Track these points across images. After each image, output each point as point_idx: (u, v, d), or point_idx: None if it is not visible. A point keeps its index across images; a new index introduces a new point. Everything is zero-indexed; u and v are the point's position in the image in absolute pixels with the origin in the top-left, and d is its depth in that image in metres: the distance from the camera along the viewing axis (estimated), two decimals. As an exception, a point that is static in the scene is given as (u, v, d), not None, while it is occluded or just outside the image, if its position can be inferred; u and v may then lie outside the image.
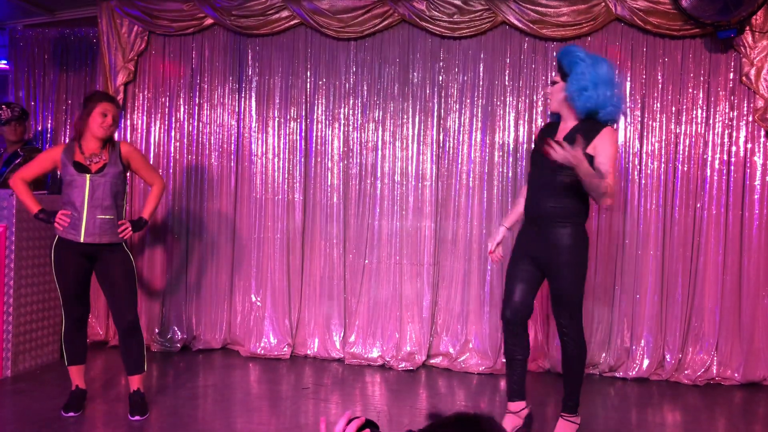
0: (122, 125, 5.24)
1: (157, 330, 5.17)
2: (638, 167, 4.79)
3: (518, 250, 3.35)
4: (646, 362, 4.73)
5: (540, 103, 4.88)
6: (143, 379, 3.73)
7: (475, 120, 4.92)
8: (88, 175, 3.40)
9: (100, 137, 3.44)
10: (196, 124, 5.20)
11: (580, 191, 3.08)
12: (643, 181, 4.79)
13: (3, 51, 5.45)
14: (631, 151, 4.81)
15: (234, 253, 5.19)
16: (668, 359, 4.71)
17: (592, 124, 3.09)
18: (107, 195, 3.44)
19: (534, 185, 3.20)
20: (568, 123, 3.15)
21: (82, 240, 3.41)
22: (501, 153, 4.90)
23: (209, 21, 5.06)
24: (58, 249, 3.47)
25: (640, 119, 4.80)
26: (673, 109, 4.73)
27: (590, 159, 2.99)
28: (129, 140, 5.23)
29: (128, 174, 3.67)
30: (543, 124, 3.82)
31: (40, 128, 5.43)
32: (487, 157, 4.91)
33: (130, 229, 3.56)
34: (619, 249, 4.80)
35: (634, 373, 4.73)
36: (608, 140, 3.03)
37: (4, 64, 5.46)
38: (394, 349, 4.93)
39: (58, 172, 3.67)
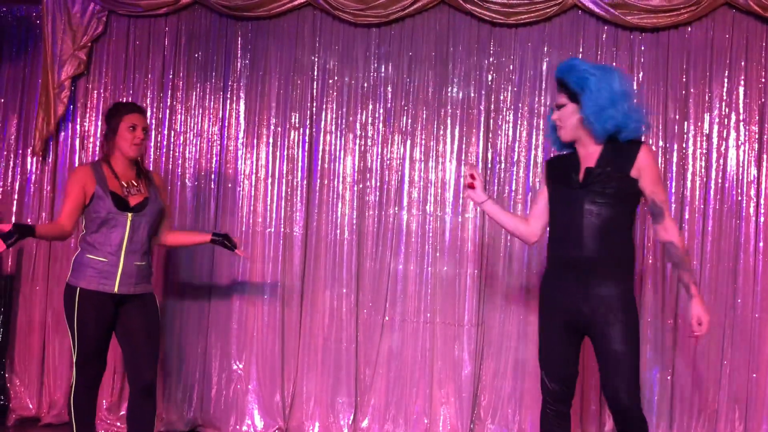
0: (68, 131, 4.44)
1: (105, 403, 4.24)
2: (755, 200, 4.02)
3: (554, 308, 2.95)
4: (766, 464, 3.92)
5: None
6: None
7: (534, 133, 4.17)
8: (130, 215, 3.26)
9: (132, 156, 3.32)
10: (166, 132, 4.40)
11: (631, 232, 2.93)
12: (762, 219, 4.01)
13: None
14: (745, 178, 4.03)
15: (210, 304, 4.34)
16: (795, 461, 3.92)
17: (621, 144, 2.88)
18: (146, 238, 3.33)
19: (568, 225, 2.90)
20: (589, 149, 2.92)
21: (116, 291, 3.24)
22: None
23: (188, -2, 4.32)
24: (83, 300, 3.22)
25: (757, 136, 4.03)
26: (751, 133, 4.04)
27: (632, 183, 2.84)
28: (77, 150, 4.44)
29: None
30: (549, 157, 3.43)
31: (-37, 134, 4.60)
32: None
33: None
34: (728, 311, 4.01)
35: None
36: (653, 161, 2.90)
37: None
38: None
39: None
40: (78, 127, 4.43)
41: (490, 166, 4.19)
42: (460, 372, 4.13)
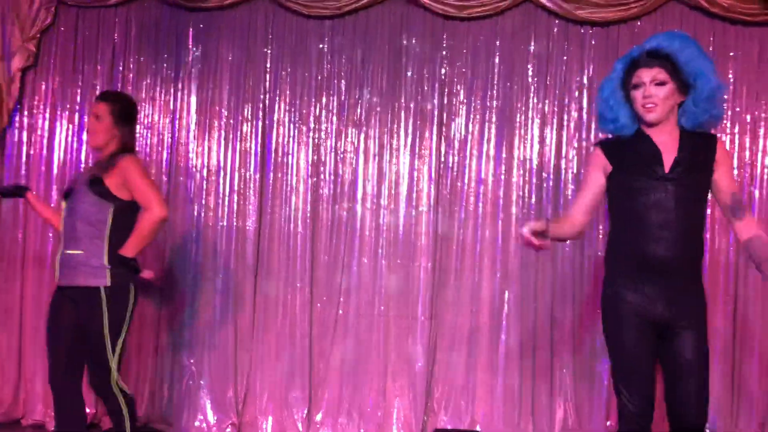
0: (17, 124, 4.51)
1: (54, 401, 4.29)
2: (703, 194, 4.11)
3: (631, 313, 2.71)
4: (713, 453, 4.13)
5: (574, 106, 4.27)
6: None
7: (487, 126, 4.36)
8: (63, 202, 3.35)
9: (92, 147, 3.47)
10: (116, 124, 4.42)
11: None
12: (709, 211, 4.10)
13: None
14: (692, 171, 4.12)
15: (162, 300, 4.45)
16: (742, 450, 4.13)
17: (697, 134, 2.75)
18: (75, 223, 3.24)
19: (652, 221, 2.68)
20: (665, 135, 2.72)
21: (57, 280, 3.29)
22: (521, 171, 4.34)
23: (138, -11, 4.44)
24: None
25: (706, 130, 4.14)
26: (748, 117, 4.27)
27: (711, 176, 2.71)
28: (25, 143, 4.49)
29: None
30: (608, 137, 2.96)
31: None
32: (502, 176, 4.36)
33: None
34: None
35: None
36: (730, 155, 2.98)
37: None
38: (376, 430, 4.33)
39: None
40: (26, 119, 4.51)
41: (443, 159, 4.34)
42: (414, 365, 4.28)
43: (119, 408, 3.24)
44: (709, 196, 2.72)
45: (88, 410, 4.24)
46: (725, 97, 2.78)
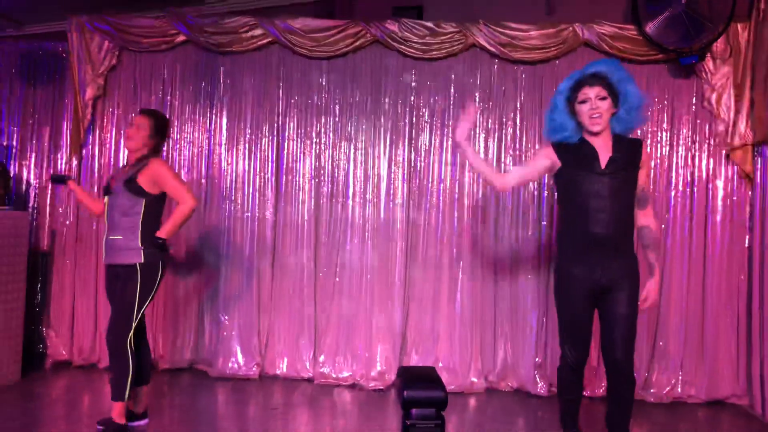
0: (90, 140, 5.60)
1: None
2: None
3: (577, 284, 3.26)
4: (612, 381, 5.14)
5: (510, 124, 5.35)
6: (119, 409, 3.79)
7: (445, 139, 5.37)
8: (106, 197, 3.84)
9: (128, 149, 3.91)
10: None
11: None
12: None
13: (-33, 63, 5.67)
14: (598, 172, 5.26)
15: (202, 272, 5.52)
16: (635, 378, 5.10)
17: (626, 139, 3.29)
18: (114, 214, 3.74)
19: (593, 207, 3.19)
20: (602, 140, 3.24)
21: (104, 260, 3.87)
22: (471, 173, 5.35)
23: (181, 38, 5.48)
24: None
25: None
26: (639, 132, 5.15)
27: (636, 172, 3.24)
28: (97, 154, 5.57)
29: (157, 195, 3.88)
30: (554, 142, 3.43)
31: (5, 143, 5.75)
32: (457, 177, 5.36)
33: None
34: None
35: (600, 391, 5.15)
36: (650, 159, 3.41)
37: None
38: (364, 368, 5.28)
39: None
40: (97, 136, 5.57)
41: (413, 164, 5.38)
42: (392, 319, 5.28)
43: (126, 365, 3.62)
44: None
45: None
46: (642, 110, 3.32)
